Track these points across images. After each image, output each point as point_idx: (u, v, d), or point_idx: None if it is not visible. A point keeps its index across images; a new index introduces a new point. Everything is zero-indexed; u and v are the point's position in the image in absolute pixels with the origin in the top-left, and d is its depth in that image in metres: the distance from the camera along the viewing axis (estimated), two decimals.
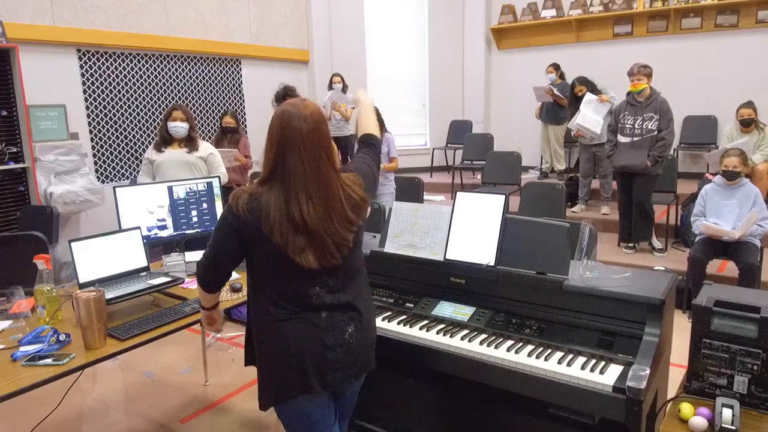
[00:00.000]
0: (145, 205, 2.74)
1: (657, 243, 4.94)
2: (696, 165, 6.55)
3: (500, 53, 7.96)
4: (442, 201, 6.82)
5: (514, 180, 5.73)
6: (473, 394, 2.16)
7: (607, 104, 5.54)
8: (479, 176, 7.21)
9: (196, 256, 2.95)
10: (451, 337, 2.02)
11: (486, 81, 8.07)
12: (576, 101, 5.83)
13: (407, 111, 8.17)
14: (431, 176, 7.75)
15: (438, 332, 2.05)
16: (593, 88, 5.78)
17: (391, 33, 8.03)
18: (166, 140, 3.81)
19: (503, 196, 2.11)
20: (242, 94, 7.00)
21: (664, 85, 6.53)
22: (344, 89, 7.15)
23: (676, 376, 2.13)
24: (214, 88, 6.65)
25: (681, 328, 2.29)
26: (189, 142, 3.83)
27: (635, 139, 4.60)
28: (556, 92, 6.44)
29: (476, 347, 1.94)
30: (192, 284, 2.63)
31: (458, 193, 2.20)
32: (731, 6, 6.19)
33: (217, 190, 2.93)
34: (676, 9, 6.48)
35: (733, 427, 1.43)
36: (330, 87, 7.32)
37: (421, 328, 2.08)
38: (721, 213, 3.91)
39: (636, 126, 4.63)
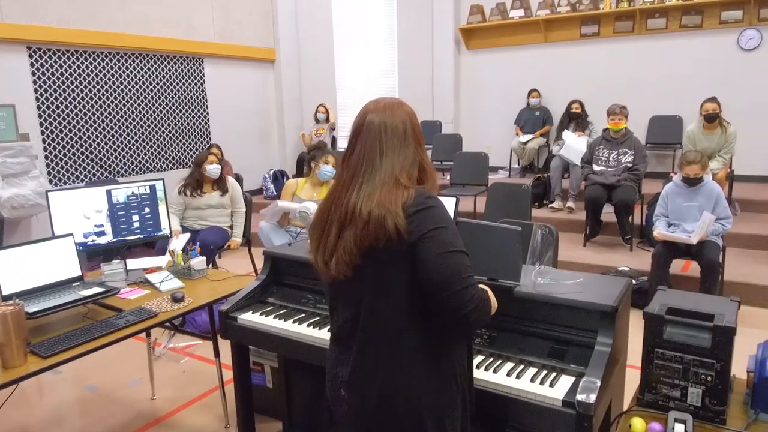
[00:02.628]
0: (81, 211, 2.58)
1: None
2: (662, 165, 6.58)
3: (469, 53, 7.91)
4: None
5: (482, 180, 5.66)
6: None
7: (585, 138, 5.87)
8: (448, 177, 7.14)
9: (137, 263, 2.80)
10: None
11: (455, 81, 8.01)
12: (570, 118, 6.23)
13: None
14: None
15: None
16: (583, 117, 6.19)
17: (360, 32, 7.92)
18: (199, 183, 4.20)
19: (453, 199, 2.02)
20: (205, 94, 6.81)
21: (630, 85, 6.58)
22: (327, 119, 7.06)
23: (634, 378, 2.07)
24: (175, 88, 6.46)
25: (641, 329, 2.21)
26: (220, 183, 4.25)
27: (609, 169, 4.91)
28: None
29: None
30: (131, 294, 2.48)
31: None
32: (695, 7, 6.23)
33: (160, 194, 2.78)
34: (641, 10, 6.50)
35: None
36: (315, 117, 7.15)
37: None
38: (684, 216, 3.87)
39: (611, 159, 4.96)
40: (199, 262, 2.78)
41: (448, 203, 2.02)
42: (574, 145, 5.72)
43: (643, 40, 6.62)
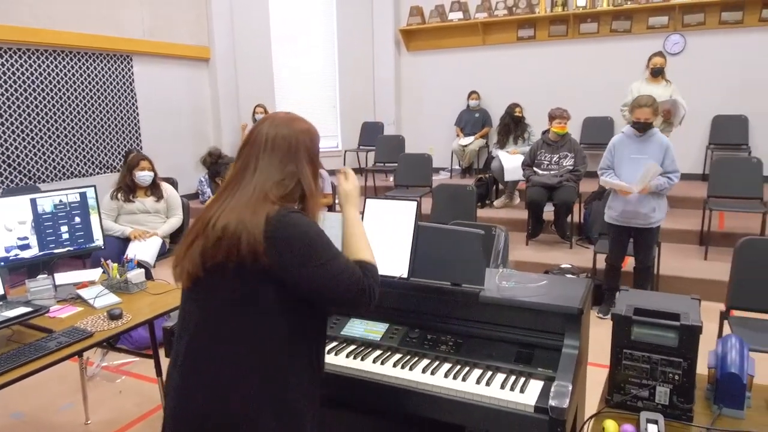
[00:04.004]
0: (1, 222, 2.32)
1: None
2: (595, 164, 6.80)
3: (410, 55, 7.92)
4: None
5: (426, 182, 5.66)
6: (397, 423, 1.98)
7: (519, 156, 5.86)
8: (391, 178, 7.12)
9: (67, 278, 2.56)
10: (362, 360, 1.82)
11: (396, 82, 8.01)
12: (513, 122, 6.20)
13: (318, 112, 7.93)
14: None
15: (348, 355, 1.85)
16: (521, 119, 6.23)
17: (299, 30, 7.76)
18: (131, 188, 3.99)
19: (414, 203, 1.95)
20: (134, 94, 6.44)
21: (564, 87, 6.79)
22: None
23: (593, 376, 2.09)
24: (101, 87, 6.06)
25: (591, 325, 2.24)
26: (154, 189, 4.06)
27: (552, 172, 5.01)
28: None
29: (390, 370, 1.76)
30: (62, 312, 2.26)
31: (367, 199, 2.02)
32: (625, 12, 6.52)
33: (92, 201, 2.55)
34: (575, 14, 6.72)
35: None
36: (253, 118, 6.98)
37: (329, 352, 1.87)
38: (632, 169, 3.61)
39: (553, 162, 5.06)
40: (136, 274, 2.58)
41: (408, 208, 1.96)
42: (508, 165, 5.78)
43: (577, 43, 6.85)
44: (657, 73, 5.10)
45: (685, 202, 5.50)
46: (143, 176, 3.98)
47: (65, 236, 2.48)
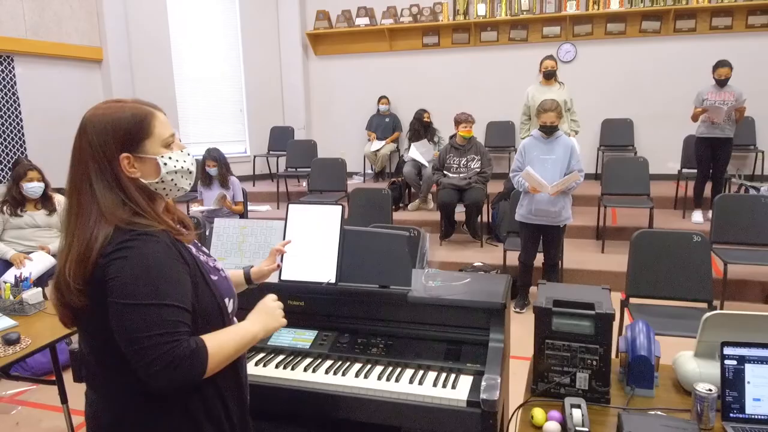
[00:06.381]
0: None
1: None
2: (499, 166, 7.15)
3: (318, 59, 7.88)
4: (268, 211, 6.50)
5: (341, 186, 5.66)
6: (332, 431, 1.95)
7: (431, 150, 6.11)
8: (304, 184, 7.04)
9: None
10: (293, 369, 1.78)
11: (305, 86, 7.93)
12: (422, 126, 6.35)
13: (224, 117, 7.68)
14: (254, 185, 7.37)
15: (278, 366, 1.80)
16: (430, 124, 6.40)
17: (200, 33, 7.46)
18: (18, 201, 3.71)
19: (339, 207, 1.94)
20: (17, 98, 5.89)
21: (468, 92, 7.07)
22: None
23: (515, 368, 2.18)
24: None
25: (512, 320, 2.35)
26: (46, 201, 3.78)
27: (461, 175, 5.20)
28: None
29: (322, 377, 1.74)
30: None
31: (290, 205, 1.97)
32: (521, 22, 6.90)
33: None
34: (476, 23, 7.02)
35: (585, 429, 1.43)
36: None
37: (257, 363, 1.81)
38: (542, 168, 3.84)
39: (461, 165, 5.25)
40: (33, 294, 2.36)
41: (333, 212, 1.95)
42: (420, 150, 6.00)
43: (478, 51, 7.15)
44: (549, 76, 5.42)
45: (580, 200, 5.90)
46: (32, 188, 3.68)
47: None
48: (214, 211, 4.66)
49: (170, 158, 1.24)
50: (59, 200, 3.85)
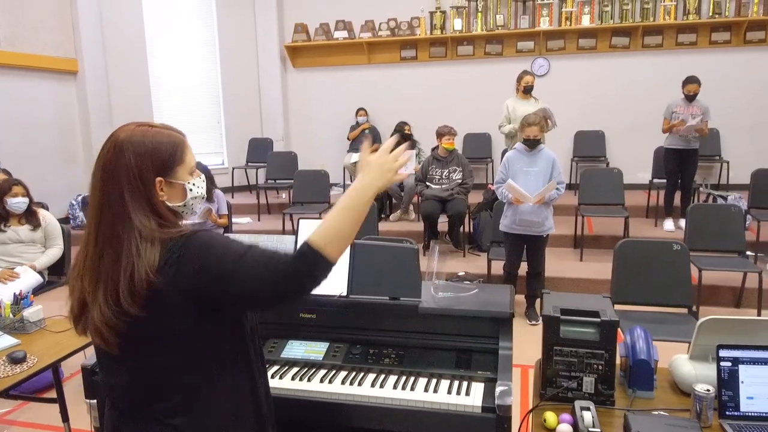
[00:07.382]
0: None
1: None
2: (477, 177, 7.30)
3: (296, 71, 7.93)
4: (250, 223, 6.49)
5: (324, 198, 5.70)
6: None
7: (413, 161, 6.15)
8: (284, 195, 7.05)
9: None
10: (309, 381, 1.83)
11: (284, 98, 7.96)
12: (404, 139, 6.23)
13: (201, 128, 7.62)
14: (233, 197, 7.33)
15: (293, 378, 1.84)
16: (410, 136, 6.49)
17: (177, 44, 7.42)
18: (2, 216, 3.67)
19: None
20: None
21: (445, 105, 7.22)
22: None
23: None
24: None
25: None
26: (30, 216, 3.75)
27: (443, 186, 5.34)
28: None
29: (338, 388, 1.79)
30: None
31: (300, 219, 2.03)
32: (496, 37, 7.11)
33: None
34: (452, 37, 7.18)
35: (597, 430, 1.51)
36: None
37: (272, 376, 1.85)
38: (525, 180, 3.95)
39: (443, 176, 5.40)
40: (34, 312, 2.34)
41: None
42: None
43: (455, 64, 7.32)
44: (529, 91, 5.60)
45: (558, 209, 6.05)
46: (16, 203, 3.63)
47: None
48: (200, 224, 4.65)
49: (194, 185, 1.30)
50: (43, 215, 3.80)
